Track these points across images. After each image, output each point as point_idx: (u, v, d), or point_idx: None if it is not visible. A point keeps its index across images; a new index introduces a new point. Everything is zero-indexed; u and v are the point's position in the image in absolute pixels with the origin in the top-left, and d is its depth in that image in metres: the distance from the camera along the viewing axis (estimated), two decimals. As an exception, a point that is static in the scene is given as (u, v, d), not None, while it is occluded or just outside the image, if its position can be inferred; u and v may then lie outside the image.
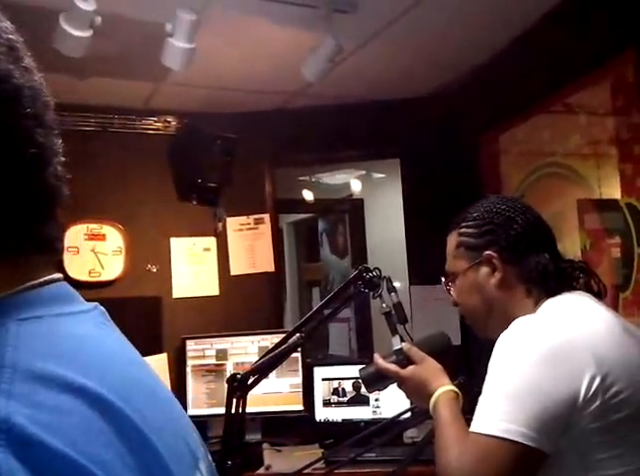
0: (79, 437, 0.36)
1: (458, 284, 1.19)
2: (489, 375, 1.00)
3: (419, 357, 1.23)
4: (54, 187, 0.45)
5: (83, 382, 0.39)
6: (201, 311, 2.96)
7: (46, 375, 0.37)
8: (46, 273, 0.44)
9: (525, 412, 0.92)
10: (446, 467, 1.00)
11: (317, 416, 2.69)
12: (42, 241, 0.44)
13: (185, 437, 0.47)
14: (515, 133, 2.57)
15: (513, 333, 1.00)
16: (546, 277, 1.08)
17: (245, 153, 2.96)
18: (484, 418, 0.96)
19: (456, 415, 1.09)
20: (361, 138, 3.07)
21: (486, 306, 1.14)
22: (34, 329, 0.40)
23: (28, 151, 0.41)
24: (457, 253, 1.18)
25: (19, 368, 0.36)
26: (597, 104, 2.13)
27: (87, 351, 0.42)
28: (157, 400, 0.46)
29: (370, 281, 1.37)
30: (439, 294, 2.80)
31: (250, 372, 1.37)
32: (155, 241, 2.93)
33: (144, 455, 0.39)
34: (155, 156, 2.94)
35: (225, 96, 2.86)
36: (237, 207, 3.05)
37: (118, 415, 0.39)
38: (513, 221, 1.13)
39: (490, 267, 1.12)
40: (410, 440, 2.52)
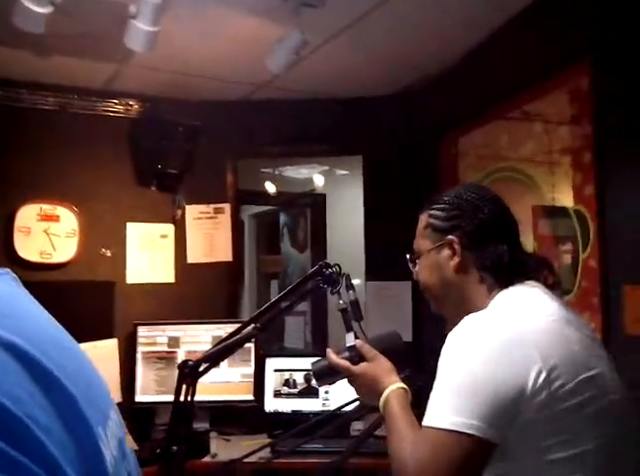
0: None
1: (421, 262, 1.23)
2: (439, 370, 1.03)
3: (371, 355, 1.25)
4: None
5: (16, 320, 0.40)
6: (155, 298, 2.93)
7: None
8: None
9: (474, 405, 0.95)
10: (401, 462, 1.01)
11: (267, 407, 2.71)
12: None
13: (96, 389, 0.48)
14: (474, 136, 2.63)
15: (462, 329, 1.03)
16: (500, 267, 1.12)
17: (208, 142, 2.94)
18: (434, 412, 0.98)
19: (406, 410, 1.12)
20: (326, 133, 3.09)
21: (443, 286, 1.19)
22: None
23: None
24: (424, 233, 1.22)
25: None
26: (553, 112, 2.19)
27: (1, 304, 0.43)
28: (73, 356, 0.47)
29: (329, 277, 1.39)
30: (394, 291, 2.87)
31: (202, 359, 1.37)
32: (111, 225, 2.89)
33: (58, 398, 0.40)
34: (115, 139, 2.90)
35: (190, 82, 2.83)
36: (197, 195, 3.03)
37: (32, 362, 0.40)
38: (479, 209, 1.16)
39: (450, 251, 1.16)
40: (357, 432, 2.56)
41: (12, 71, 2.62)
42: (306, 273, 1.46)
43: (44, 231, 2.71)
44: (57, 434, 0.39)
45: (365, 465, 2.34)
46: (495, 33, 2.37)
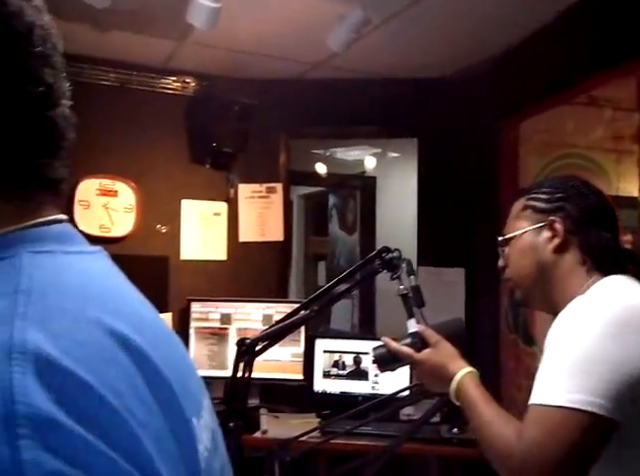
0: (94, 363, 0.36)
1: (514, 245, 1.17)
2: (549, 350, 0.99)
3: (434, 340, 1.22)
4: (62, 128, 0.45)
5: (98, 314, 0.39)
6: (207, 275, 2.97)
7: (60, 305, 0.38)
8: (53, 213, 0.45)
9: (593, 381, 0.91)
10: (503, 445, 0.97)
11: (315, 387, 2.72)
12: (49, 180, 0.44)
13: (191, 377, 0.47)
14: (536, 121, 2.54)
15: (576, 309, 1.00)
16: (604, 252, 1.09)
17: (262, 121, 2.94)
18: (547, 390, 0.94)
19: (486, 394, 1.09)
20: (380, 115, 3.03)
21: (537, 270, 1.13)
22: (46, 262, 0.40)
23: (37, 89, 0.41)
24: (521, 215, 1.17)
25: (34, 295, 0.37)
26: (622, 98, 2.09)
27: (99, 287, 0.42)
28: (167, 339, 0.46)
29: (389, 262, 1.36)
30: (447, 277, 2.82)
31: (259, 338, 1.38)
32: (166, 201, 2.93)
33: (159, 390, 0.40)
34: (171, 116, 2.92)
35: (246, 60, 2.82)
36: (250, 174, 3.04)
37: (137, 351, 0.39)
38: (585, 196, 1.13)
39: (551, 232, 1.11)
40: (406, 417, 2.55)
41: (74, 46, 2.66)
42: (354, 255, 1.44)
43: (103, 206, 2.77)
44: (154, 427, 0.38)
45: (418, 450, 2.33)
46: (563, 15, 2.26)
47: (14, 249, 0.40)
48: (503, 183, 2.72)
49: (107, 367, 0.37)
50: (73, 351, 0.35)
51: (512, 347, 2.64)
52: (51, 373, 0.34)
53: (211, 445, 0.45)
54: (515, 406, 2.55)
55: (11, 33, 0.40)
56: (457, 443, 2.34)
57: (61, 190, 0.46)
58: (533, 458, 0.91)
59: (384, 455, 1.52)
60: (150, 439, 0.36)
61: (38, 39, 0.42)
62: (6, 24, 0.40)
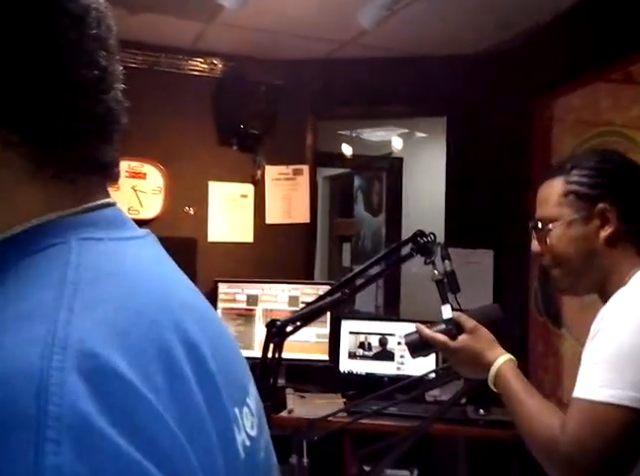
0: (138, 356, 0.35)
1: (557, 232, 1.10)
2: (594, 341, 0.99)
3: (471, 326, 1.19)
4: (115, 111, 0.45)
5: (146, 304, 0.38)
6: (234, 256, 2.99)
7: (107, 295, 0.37)
8: (103, 197, 0.45)
9: (630, 376, 0.91)
10: (550, 439, 0.96)
11: (341, 367, 2.73)
12: (101, 163, 0.44)
13: (238, 365, 0.47)
14: (570, 100, 2.47)
15: (617, 303, 0.99)
16: None
17: (288, 102, 2.92)
18: (587, 384, 0.95)
19: (526, 383, 1.08)
20: (408, 93, 2.99)
21: (586, 260, 1.08)
22: (95, 249, 0.40)
23: (92, 73, 0.41)
24: (563, 201, 1.10)
25: (80, 285, 0.36)
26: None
27: (144, 276, 0.42)
28: (215, 327, 0.46)
29: (424, 246, 1.33)
30: (475, 259, 2.80)
31: (290, 320, 1.39)
32: (194, 183, 2.95)
33: (204, 379, 0.39)
34: (199, 98, 2.93)
35: (274, 40, 2.80)
36: (276, 156, 3.04)
37: (181, 338, 0.39)
38: (630, 176, 1.09)
39: (602, 220, 1.07)
40: (432, 398, 2.55)
41: (103, 30, 2.68)
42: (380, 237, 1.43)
43: (132, 188, 2.80)
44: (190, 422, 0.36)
45: (445, 431, 2.34)
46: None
47: (64, 235, 0.39)
48: (536, 163, 2.67)
49: (151, 361, 0.36)
50: (118, 342, 0.35)
51: (541, 329, 2.62)
52: (94, 370, 0.33)
53: (256, 432, 0.44)
54: (542, 387, 2.53)
55: (67, 15, 0.40)
56: (484, 424, 2.35)
57: (113, 174, 0.46)
58: (576, 452, 0.92)
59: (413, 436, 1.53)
60: (185, 436, 0.35)
61: (93, 21, 0.42)
62: (62, 6, 0.40)
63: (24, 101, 0.38)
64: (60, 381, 0.31)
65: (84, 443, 0.31)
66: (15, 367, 0.31)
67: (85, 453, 0.30)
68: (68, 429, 0.30)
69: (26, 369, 0.31)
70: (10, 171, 0.39)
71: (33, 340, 0.32)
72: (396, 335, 2.71)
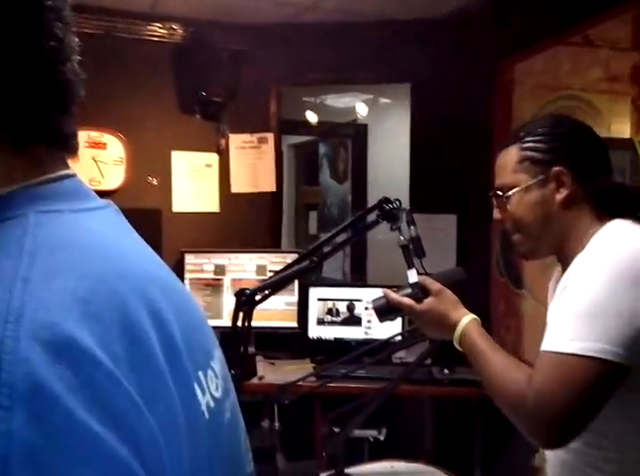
0: (97, 324, 0.35)
1: (516, 199, 1.12)
2: (563, 297, 1.00)
3: (436, 288, 1.21)
4: (72, 82, 0.44)
5: (106, 273, 0.39)
6: (200, 226, 2.97)
7: (66, 264, 0.37)
8: (63, 168, 0.44)
9: (604, 328, 0.92)
10: (515, 392, 0.97)
11: (310, 333, 2.77)
12: (59, 135, 0.44)
13: (202, 330, 0.47)
14: (532, 64, 2.50)
15: (588, 256, 1.01)
16: (617, 199, 1.08)
17: (251, 68, 2.88)
18: (557, 337, 0.95)
19: (491, 341, 1.11)
20: (371, 59, 2.97)
21: (544, 223, 1.11)
22: (54, 221, 0.40)
23: (48, 43, 0.41)
24: (519, 167, 1.12)
25: (39, 256, 0.36)
26: (618, 38, 2.06)
27: (105, 246, 0.42)
28: (177, 294, 0.46)
29: (390, 212, 1.35)
30: (439, 224, 2.84)
31: (258, 288, 1.39)
32: (156, 153, 2.90)
33: (167, 345, 0.40)
34: (159, 65, 2.85)
35: (235, 5, 2.73)
36: (240, 124, 3.00)
37: (141, 305, 0.39)
38: (583, 139, 1.10)
39: (557, 183, 1.09)
40: (398, 360, 2.62)
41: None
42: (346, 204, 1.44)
43: (92, 158, 2.74)
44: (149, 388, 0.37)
45: (411, 392, 2.41)
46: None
47: (22, 208, 0.39)
48: (497, 128, 2.70)
49: (111, 328, 0.36)
50: (77, 311, 0.35)
51: (502, 290, 2.70)
52: (51, 339, 0.33)
53: (220, 394, 0.45)
54: (504, 346, 2.62)
55: None
56: (448, 383, 2.43)
57: (72, 146, 0.45)
58: (545, 404, 0.93)
59: (380, 397, 1.57)
60: (145, 401, 0.36)
61: None
62: None
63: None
64: (13, 349, 0.31)
65: (38, 411, 0.30)
66: None
67: (39, 421, 0.30)
68: (21, 396, 0.30)
69: None
70: None
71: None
72: (363, 301, 2.75)
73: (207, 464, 0.42)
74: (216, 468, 0.44)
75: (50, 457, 0.30)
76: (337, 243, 1.49)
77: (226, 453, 0.46)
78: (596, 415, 0.93)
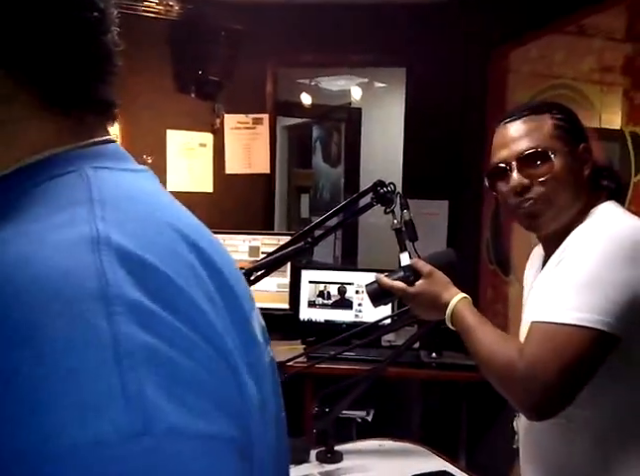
0: (170, 260, 0.38)
1: (558, 162, 1.08)
2: (558, 269, 1.01)
3: (427, 270, 1.22)
4: (113, 53, 0.47)
5: (167, 219, 0.42)
6: (194, 207, 2.88)
7: (132, 211, 0.40)
8: (105, 134, 0.47)
9: (599, 300, 0.93)
10: (508, 364, 0.98)
11: (301, 315, 2.80)
12: (103, 102, 0.46)
13: (243, 280, 0.50)
14: (526, 51, 2.51)
15: (581, 233, 1.03)
16: (610, 178, 1.14)
17: (248, 48, 2.86)
18: (555, 308, 0.96)
19: (481, 317, 1.12)
20: (367, 43, 2.97)
21: (573, 194, 1.09)
22: (107, 176, 0.42)
23: (92, 14, 0.43)
24: (557, 133, 1.09)
25: (107, 204, 0.39)
26: (612, 28, 2.07)
27: (155, 200, 0.45)
28: (221, 246, 0.48)
29: (384, 196, 1.36)
30: (430, 209, 2.87)
31: (252, 269, 1.41)
32: (151, 132, 2.89)
33: (223, 288, 0.42)
34: (154, 42, 2.83)
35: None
36: (236, 104, 2.99)
37: (200, 250, 0.42)
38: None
39: (585, 157, 1.11)
40: (387, 343, 2.66)
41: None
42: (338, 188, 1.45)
43: (86, 135, 2.73)
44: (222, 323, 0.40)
45: (399, 374, 2.45)
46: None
47: (78, 164, 0.42)
48: (490, 114, 2.72)
49: (181, 265, 0.39)
50: (151, 249, 0.37)
51: (491, 276, 2.74)
52: (134, 265, 0.35)
53: (263, 339, 0.48)
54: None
55: None
56: (436, 366, 2.47)
57: (113, 114, 0.48)
58: (537, 373, 0.94)
59: (368, 378, 1.61)
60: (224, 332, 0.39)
61: None
62: None
63: (29, 40, 0.40)
64: (111, 271, 0.34)
65: (144, 320, 0.33)
66: (71, 259, 0.34)
67: (148, 327, 0.33)
68: (129, 308, 0.33)
69: (82, 261, 0.34)
70: (20, 107, 0.41)
71: (80, 239, 0.35)
72: (354, 284, 2.78)
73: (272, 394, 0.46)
74: (271, 403, 0.47)
75: (164, 352, 0.33)
76: (330, 226, 1.51)
77: (274, 394, 0.49)
78: (587, 384, 0.95)
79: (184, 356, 0.34)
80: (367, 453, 1.72)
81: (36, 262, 0.33)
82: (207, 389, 0.34)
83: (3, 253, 0.34)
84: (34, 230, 0.36)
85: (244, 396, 0.39)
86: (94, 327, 0.31)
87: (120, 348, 0.31)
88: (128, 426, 0.29)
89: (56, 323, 0.31)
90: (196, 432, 0.32)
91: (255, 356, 0.44)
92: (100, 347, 0.31)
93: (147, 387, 0.31)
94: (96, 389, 0.29)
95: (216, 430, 0.33)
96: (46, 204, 0.38)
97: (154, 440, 0.30)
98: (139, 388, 0.30)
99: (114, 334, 0.31)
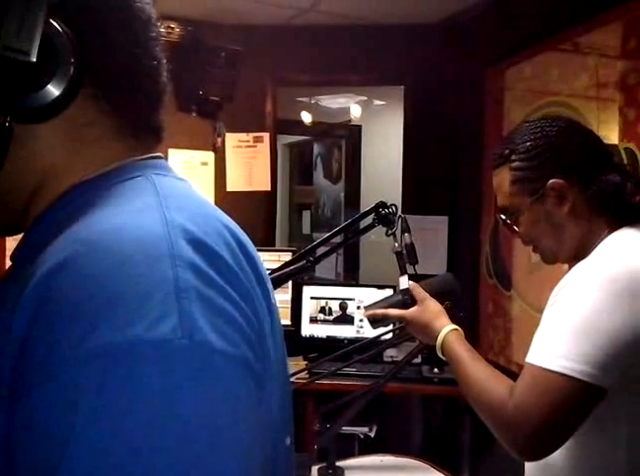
0: (217, 239, 0.48)
1: (523, 219, 1.10)
2: (553, 308, 0.99)
3: (420, 297, 1.25)
4: (165, 91, 0.59)
5: (215, 214, 0.53)
6: (195, 224, 2.99)
7: (187, 205, 0.51)
8: (157, 151, 0.59)
9: (585, 349, 0.92)
10: (499, 402, 0.98)
11: (303, 331, 2.81)
12: (157, 127, 0.59)
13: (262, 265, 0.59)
14: (522, 69, 2.55)
15: (581, 269, 0.99)
16: (619, 201, 1.04)
17: (248, 68, 2.91)
18: (545, 352, 0.96)
19: (471, 351, 1.12)
20: (366, 62, 3.02)
21: (556, 235, 1.08)
22: (166, 180, 0.54)
23: (153, 62, 0.57)
24: (514, 190, 1.09)
25: (168, 198, 0.50)
26: (607, 46, 2.11)
27: (203, 199, 0.55)
28: (245, 237, 0.57)
29: (385, 217, 1.37)
30: (430, 225, 2.89)
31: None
32: (153, 151, 2.92)
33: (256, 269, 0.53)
34: (156, 64, 2.88)
35: (233, 6, 2.77)
36: (236, 123, 3.03)
37: (239, 240, 0.52)
38: (570, 141, 1.06)
39: (557, 196, 1.05)
40: (390, 359, 2.66)
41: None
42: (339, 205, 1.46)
43: (89, 155, 2.76)
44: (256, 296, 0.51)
45: (401, 389, 2.46)
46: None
47: (142, 171, 0.54)
48: (487, 132, 2.76)
49: (227, 248, 0.49)
50: (205, 231, 0.47)
51: (491, 291, 2.75)
52: (193, 240, 0.46)
53: (274, 300, 0.57)
54: (492, 346, 2.68)
55: (140, 22, 0.55)
56: (437, 382, 2.47)
57: (162, 135, 0.60)
58: (524, 415, 0.94)
59: (369, 393, 1.61)
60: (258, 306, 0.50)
61: (154, 24, 0.57)
62: (137, 15, 0.55)
63: (115, 80, 0.54)
64: (176, 241, 0.45)
65: (198, 274, 0.44)
66: (150, 232, 0.45)
67: (200, 278, 0.44)
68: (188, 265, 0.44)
69: (157, 233, 0.45)
70: (102, 130, 0.54)
71: (153, 219, 0.46)
72: (356, 300, 2.79)
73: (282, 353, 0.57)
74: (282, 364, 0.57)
75: (209, 295, 0.44)
76: (332, 244, 1.52)
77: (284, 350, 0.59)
78: (573, 432, 0.95)
79: (225, 301, 0.45)
80: (368, 469, 1.72)
81: (127, 229, 0.45)
82: (237, 326, 0.45)
83: (102, 224, 0.46)
84: (120, 211, 0.47)
85: (264, 346, 0.49)
86: (164, 272, 0.43)
87: (179, 285, 0.43)
88: (179, 331, 0.41)
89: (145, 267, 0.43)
90: (223, 349, 0.43)
91: (274, 320, 0.54)
92: (166, 283, 0.42)
93: (194, 311, 0.42)
94: (161, 306, 0.41)
95: (239, 353, 0.44)
96: (123, 197, 0.50)
97: (192, 344, 0.41)
98: (189, 310, 0.42)
99: (175, 277, 0.43)
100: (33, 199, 0.52)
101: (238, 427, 0.43)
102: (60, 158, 0.52)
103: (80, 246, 0.43)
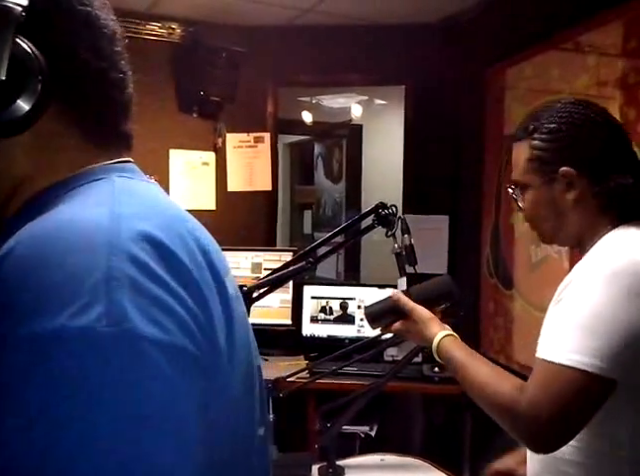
0: (178, 244, 0.50)
1: (529, 197, 1.12)
2: (562, 303, 1.00)
3: (408, 308, 1.25)
4: (131, 100, 0.63)
5: (175, 213, 0.55)
6: (197, 224, 3.00)
7: (148, 203, 0.54)
8: (126, 156, 0.62)
9: (597, 342, 0.93)
10: (510, 401, 0.99)
11: (304, 331, 2.82)
12: (126, 135, 0.62)
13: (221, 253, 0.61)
14: (523, 68, 2.55)
15: (593, 267, 0.99)
16: (629, 202, 1.04)
17: (249, 69, 2.92)
18: (556, 347, 0.97)
19: (469, 352, 1.13)
20: (367, 62, 3.02)
21: (557, 221, 1.10)
22: (128, 181, 0.57)
23: (118, 75, 0.59)
24: (529, 166, 1.09)
25: (122, 196, 0.52)
26: (608, 44, 2.11)
27: (162, 199, 0.58)
28: (206, 233, 0.60)
29: (385, 218, 1.38)
30: (431, 224, 2.89)
31: (256, 286, 1.42)
32: (155, 151, 2.93)
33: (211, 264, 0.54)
34: (157, 64, 2.89)
35: (233, 6, 2.77)
36: (237, 123, 3.04)
37: (197, 238, 0.54)
38: (595, 134, 1.05)
39: (566, 184, 1.06)
40: (390, 358, 2.67)
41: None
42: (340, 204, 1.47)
43: (90, 155, 2.77)
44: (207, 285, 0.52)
45: (402, 388, 2.46)
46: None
47: (107, 174, 0.57)
48: (488, 131, 2.76)
49: (182, 247, 0.50)
50: (161, 231, 0.49)
51: (492, 291, 2.75)
52: (146, 238, 0.47)
53: (234, 293, 0.59)
54: (492, 345, 2.68)
55: (106, 38, 0.58)
56: (438, 381, 2.47)
57: (130, 142, 0.63)
58: (539, 409, 0.95)
59: (369, 393, 1.62)
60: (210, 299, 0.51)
61: (118, 39, 0.60)
62: (102, 32, 0.58)
63: (82, 92, 0.57)
64: (121, 231, 0.46)
65: (138, 265, 0.45)
66: (96, 223, 0.47)
67: (139, 269, 0.45)
68: (127, 256, 0.45)
69: (103, 224, 0.47)
70: (73, 140, 0.57)
71: (100, 213, 0.49)
72: (356, 299, 2.80)
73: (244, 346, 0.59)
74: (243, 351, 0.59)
75: (145, 284, 0.45)
76: (333, 245, 1.53)
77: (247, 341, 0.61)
78: (586, 424, 0.96)
79: (164, 292, 0.46)
80: (369, 468, 1.72)
81: (72, 221, 0.48)
82: (176, 317, 0.46)
83: (51, 219, 0.48)
84: (71, 207, 0.51)
85: (213, 340, 0.50)
86: (97, 261, 0.45)
87: (111, 273, 0.44)
88: (104, 319, 0.42)
89: (80, 255, 0.45)
90: (152, 336, 0.44)
91: (227, 304, 0.55)
92: (98, 271, 0.44)
93: (123, 299, 0.43)
94: (89, 294, 0.43)
95: (173, 340, 0.45)
96: (81, 196, 0.53)
97: (118, 331, 0.42)
98: (118, 298, 0.43)
99: (109, 266, 0.44)
100: (7, 206, 0.55)
101: (169, 410, 0.44)
102: (31, 167, 0.55)
103: (25, 238, 0.46)
